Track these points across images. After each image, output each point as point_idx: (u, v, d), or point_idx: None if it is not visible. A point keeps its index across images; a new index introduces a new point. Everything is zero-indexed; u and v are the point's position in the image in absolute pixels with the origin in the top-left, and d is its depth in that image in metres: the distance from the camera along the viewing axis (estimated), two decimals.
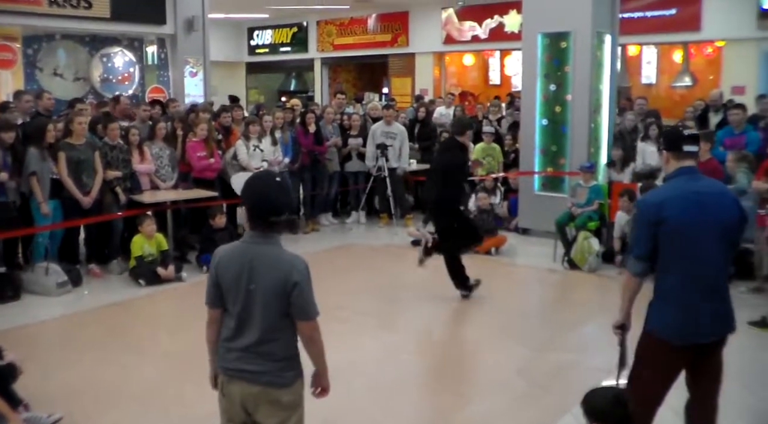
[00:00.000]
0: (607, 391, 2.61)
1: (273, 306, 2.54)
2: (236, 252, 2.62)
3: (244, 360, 2.61)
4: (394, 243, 8.69)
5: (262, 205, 2.56)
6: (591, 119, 8.37)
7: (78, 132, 6.87)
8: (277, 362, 2.60)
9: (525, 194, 8.99)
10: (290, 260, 2.57)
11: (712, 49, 12.80)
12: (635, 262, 3.05)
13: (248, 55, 19.12)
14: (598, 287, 7.05)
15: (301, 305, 2.54)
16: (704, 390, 3.14)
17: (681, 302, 2.96)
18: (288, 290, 2.51)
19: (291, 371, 2.63)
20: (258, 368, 2.60)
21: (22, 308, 6.19)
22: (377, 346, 5.33)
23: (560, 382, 4.68)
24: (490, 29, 14.43)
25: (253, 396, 2.62)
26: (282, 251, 2.60)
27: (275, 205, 2.55)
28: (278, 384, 2.61)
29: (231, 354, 2.65)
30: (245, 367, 2.61)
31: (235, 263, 2.59)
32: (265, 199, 2.57)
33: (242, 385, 2.63)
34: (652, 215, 2.94)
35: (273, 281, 2.52)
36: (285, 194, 2.59)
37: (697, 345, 3.01)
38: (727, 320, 3.05)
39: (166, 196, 7.55)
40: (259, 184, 2.62)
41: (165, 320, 6.09)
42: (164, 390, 4.50)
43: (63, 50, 11.99)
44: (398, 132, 9.33)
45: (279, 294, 2.53)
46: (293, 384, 2.64)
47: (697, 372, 3.11)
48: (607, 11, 8.53)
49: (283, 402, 2.62)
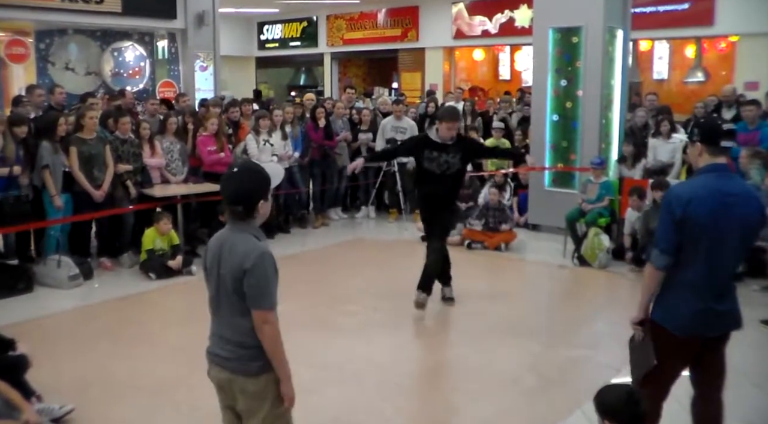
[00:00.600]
0: (621, 388, 2.59)
1: (234, 292, 2.57)
2: (217, 239, 2.69)
3: (218, 345, 2.68)
4: (403, 238, 8.70)
5: (222, 194, 2.65)
6: (602, 115, 8.32)
7: (89, 126, 6.90)
8: (246, 349, 2.61)
9: (535, 190, 8.96)
10: (247, 248, 2.56)
11: (725, 44, 12.71)
12: (660, 255, 2.97)
13: (258, 49, 19.14)
14: (608, 284, 7.03)
15: (251, 294, 2.54)
16: (708, 385, 3.15)
17: (693, 298, 2.95)
18: (240, 276, 2.53)
19: (258, 361, 2.60)
20: (227, 355, 2.64)
21: (34, 300, 6.24)
22: (387, 341, 5.33)
23: (570, 378, 4.67)
24: (501, 24, 14.37)
25: (226, 382, 2.67)
26: (247, 239, 2.59)
27: (230, 195, 2.59)
28: (244, 372, 2.62)
29: (211, 338, 2.73)
30: (218, 352, 2.68)
31: (214, 249, 2.66)
32: (222, 188, 2.65)
33: (217, 369, 2.69)
34: (678, 211, 2.89)
35: (231, 268, 2.56)
36: (240, 186, 2.60)
37: (702, 339, 3.02)
38: (733, 317, 3.06)
39: (176, 191, 7.57)
40: (224, 174, 2.68)
41: (175, 314, 6.11)
42: (174, 383, 4.52)
43: (75, 45, 12.01)
44: (408, 127, 9.31)
45: (237, 280, 2.55)
46: (260, 375, 2.61)
47: (700, 366, 3.13)
48: (619, 6, 8.48)
49: (251, 391, 2.62)
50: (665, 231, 2.96)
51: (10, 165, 6.37)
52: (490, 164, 9.61)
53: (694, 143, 3.06)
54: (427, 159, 5.68)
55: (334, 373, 4.62)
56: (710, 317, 2.97)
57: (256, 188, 2.61)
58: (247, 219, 2.61)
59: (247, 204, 2.59)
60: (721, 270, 2.96)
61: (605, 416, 2.46)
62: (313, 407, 2.80)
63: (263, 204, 2.63)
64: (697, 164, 3.06)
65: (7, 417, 3.32)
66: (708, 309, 2.95)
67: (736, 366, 3.15)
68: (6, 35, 11.57)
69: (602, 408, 2.48)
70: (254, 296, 2.54)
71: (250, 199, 2.59)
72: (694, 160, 3.10)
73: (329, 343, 5.18)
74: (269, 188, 2.66)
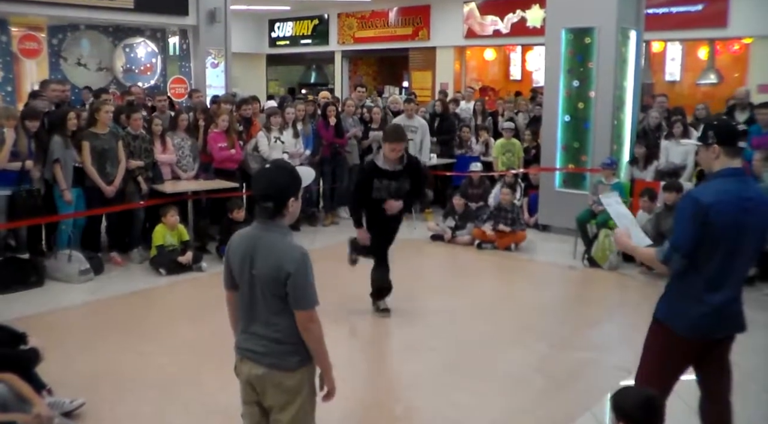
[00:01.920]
0: (640, 392, 2.55)
1: (272, 292, 2.59)
2: (244, 237, 2.69)
3: (252, 341, 2.69)
4: (413, 237, 8.67)
5: (253, 191, 2.67)
6: (614, 116, 8.29)
7: (103, 121, 6.93)
8: (282, 345, 2.64)
9: (546, 191, 8.93)
10: (285, 249, 2.58)
11: (738, 46, 12.63)
12: (680, 259, 2.90)
13: (269, 47, 19.15)
14: (618, 285, 7.00)
15: (295, 295, 2.56)
16: (716, 387, 3.14)
17: (701, 300, 2.93)
18: (282, 278, 2.55)
19: (296, 357, 2.65)
20: (263, 350, 2.66)
21: (45, 295, 6.27)
22: (395, 340, 5.33)
23: (579, 380, 4.65)
24: (512, 24, 14.33)
25: (258, 377, 2.68)
26: (281, 239, 2.61)
27: (261, 191, 2.61)
28: (282, 367, 2.65)
29: (243, 335, 2.73)
30: (252, 347, 2.69)
31: (242, 248, 2.66)
32: (253, 185, 2.68)
33: (250, 365, 2.70)
34: (699, 216, 2.85)
35: (268, 269, 2.57)
36: (272, 182, 2.62)
37: (705, 341, 3.01)
38: (739, 319, 3.04)
39: (187, 187, 7.59)
40: (256, 172, 2.72)
41: (184, 310, 6.12)
42: (183, 379, 4.53)
43: (87, 40, 12.09)
44: (419, 126, 9.29)
45: (275, 281, 2.56)
46: (297, 369, 2.66)
47: (706, 368, 3.12)
48: (632, 6, 8.44)
49: (286, 386, 2.65)
50: (685, 234, 2.90)
51: (22, 159, 6.42)
52: (500, 164, 9.59)
53: (709, 146, 2.97)
54: (376, 189, 5.35)
55: (345, 371, 4.59)
56: (715, 319, 2.95)
57: (286, 186, 2.63)
58: (276, 217, 2.62)
59: (278, 201, 2.59)
60: (734, 274, 2.95)
61: (620, 418, 2.44)
62: (323, 405, 2.81)
63: (293, 202, 2.64)
64: (712, 167, 2.99)
65: (19, 410, 3.33)
66: (714, 312, 2.93)
67: (744, 370, 3.13)
68: (19, 30, 11.65)
69: (618, 410, 2.46)
70: (299, 297, 2.57)
71: (280, 196, 2.60)
72: (709, 164, 3.02)
73: (339, 341, 5.16)
74: (300, 188, 2.68)
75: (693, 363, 3.10)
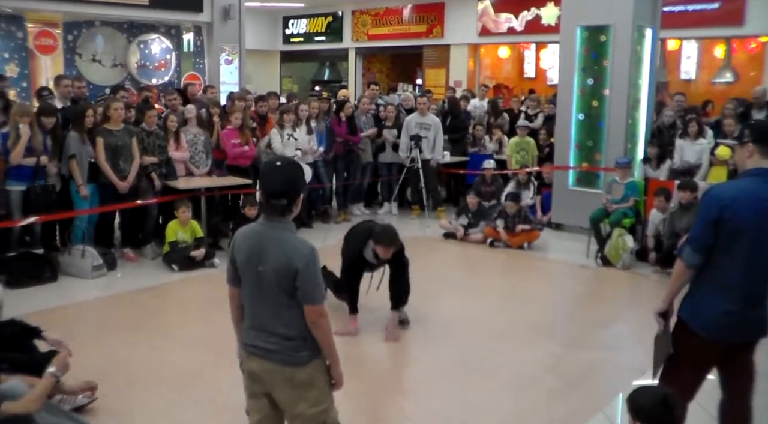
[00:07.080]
0: (657, 391, 2.53)
1: (280, 288, 2.59)
2: (249, 234, 2.69)
3: (260, 338, 2.69)
4: (425, 235, 8.67)
5: (264, 188, 2.67)
6: (629, 115, 8.23)
7: (115, 118, 6.96)
8: (291, 340, 2.64)
9: (559, 189, 8.89)
10: (294, 245, 2.59)
11: (755, 45, 12.49)
12: (693, 253, 2.93)
13: (283, 43, 19.17)
14: (631, 285, 6.96)
15: (305, 290, 2.58)
16: (737, 389, 3.11)
17: (723, 300, 2.91)
18: (291, 274, 2.55)
19: (306, 351, 2.66)
20: (273, 347, 2.66)
21: (58, 290, 6.32)
22: (407, 337, 5.32)
23: (591, 380, 4.63)
24: (527, 21, 14.24)
25: (268, 373, 2.68)
26: (288, 235, 2.62)
27: (275, 188, 2.60)
28: (292, 363, 2.65)
29: (250, 332, 2.73)
30: (261, 344, 2.69)
31: (247, 244, 2.66)
32: (265, 182, 2.68)
33: (259, 361, 2.70)
34: (715, 212, 2.85)
35: (277, 264, 2.57)
36: (287, 179, 2.62)
37: (727, 344, 2.98)
38: (761, 324, 3.01)
39: (200, 183, 7.62)
40: (266, 169, 2.71)
41: (197, 306, 6.14)
42: (194, 375, 4.54)
43: (102, 37, 12.13)
44: (433, 123, 9.28)
45: (284, 277, 2.57)
46: (308, 363, 2.67)
47: (728, 371, 3.09)
48: (648, 4, 8.37)
49: (297, 381, 2.66)
50: (700, 230, 2.92)
51: (37, 155, 6.46)
52: (514, 162, 9.55)
53: (744, 144, 2.97)
54: (361, 276, 5.42)
55: (355, 368, 4.61)
56: (737, 321, 2.92)
57: (298, 182, 2.65)
58: (287, 214, 2.62)
59: (291, 197, 2.60)
60: (757, 276, 2.92)
61: (636, 417, 2.42)
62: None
63: (300, 199, 2.66)
64: (745, 166, 2.99)
65: None
66: (736, 313, 2.91)
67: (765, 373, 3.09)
68: (35, 26, 11.72)
69: (634, 408, 2.43)
70: (308, 292, 2.58)
71: (295, 192, 2.61)
72: (742, 162, 3.01)
73: (349, 338, 5.18)
74: (306, 184, 2.68)
75: (717, 364, 3.07)
